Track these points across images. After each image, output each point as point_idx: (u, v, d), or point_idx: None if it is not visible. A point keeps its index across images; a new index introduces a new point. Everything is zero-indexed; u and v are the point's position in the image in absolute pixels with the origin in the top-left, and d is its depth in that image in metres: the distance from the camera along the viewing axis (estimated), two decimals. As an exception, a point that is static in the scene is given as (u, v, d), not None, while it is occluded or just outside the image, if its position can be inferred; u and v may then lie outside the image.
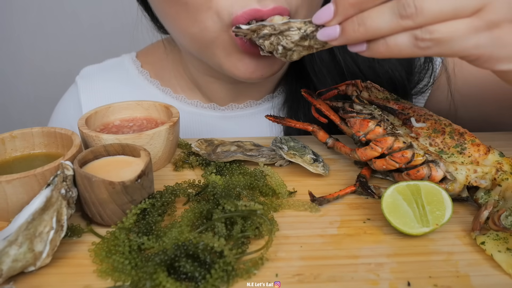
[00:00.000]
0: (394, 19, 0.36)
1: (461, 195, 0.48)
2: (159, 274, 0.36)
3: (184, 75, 0.75)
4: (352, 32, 0.38)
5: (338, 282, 0.37)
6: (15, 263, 0.37)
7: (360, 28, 0.38)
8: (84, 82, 0.78)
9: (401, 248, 0.41)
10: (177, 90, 0.75)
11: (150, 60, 0.79)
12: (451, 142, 0.49)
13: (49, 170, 0.44)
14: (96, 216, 0.44)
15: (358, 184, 0.50)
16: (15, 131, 0.52)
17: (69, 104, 0.79)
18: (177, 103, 0.74)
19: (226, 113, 0.74)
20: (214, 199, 0.45)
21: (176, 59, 0.75)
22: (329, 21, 0.40)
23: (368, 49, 0.39)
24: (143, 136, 0.52)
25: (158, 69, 0.77)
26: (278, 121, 0.59)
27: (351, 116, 0.52)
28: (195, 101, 0.74)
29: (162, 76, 0.76)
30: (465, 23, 0.35)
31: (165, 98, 0.75)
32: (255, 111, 0.74)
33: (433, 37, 0.35)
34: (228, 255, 0.38)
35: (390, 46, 0.38)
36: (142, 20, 0.74)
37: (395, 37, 0.37)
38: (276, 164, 0.56)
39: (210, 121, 0.74)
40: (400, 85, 0.69)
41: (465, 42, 0.36)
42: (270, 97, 0.74)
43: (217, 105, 0.74)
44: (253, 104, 0.74)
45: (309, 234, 0.43)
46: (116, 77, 0.77)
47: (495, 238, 0.41)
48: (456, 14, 0.35)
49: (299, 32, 0.42)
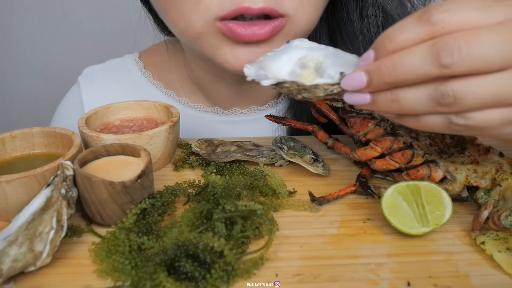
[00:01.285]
0: (430, 104, 0.34)
1: (461, 195, 0.48)
2: (159, 274, 0.36)
3: (187, 77, 0.74)
4: (383, 105, 0.36)
5: (338, 282, 0.37)
6: (15, 263, 0.37)
7: (393, 105, 0.36)
8: (86, 82, 0.77)
9: (401, 248, 0.41)
10: (180, 93, 0.75)
11: (153, 61, 0.78)
12: (451, 142, 0.49)
13: (49, 170, 0.44)
14: (96, 216, 0.44)
15: (358, 184, 0.50)
16: (15, 131, 0.52)
17: (71, 104, 0.78)
18: (180, 106, 0.74)
19: (230, 118, 0.73)
20: (214, 199, 0.45)
21: (180, 61, 0.75)
22: (360, 90, 0.37)
23: (397, 117, 0.38)
24: (143, 136, 0.52)
25: (161, 71, 0.77)
26: (278, 121, 0.59)
27: (351, 116, 0.52)
28: (198, 105, 0.74)
29: (165, 78, 0.76)
30: (501, 113, 0.34)
31: (168, 101, 0.74)
32: (259, 116, 0.73)
33: (467, 123, 0.34)
34: (228, 255, 0.38)
35: (422, 122, 0.36)
36: (144, 21, 0.73)
37: (429, 117, 0.36)
38: (276, 164, 0.56)
39: (213, 126, 0.73)
40: None
41: (499, 130, 0.35)
42: (274, 103, 0.74)
43: (221, 109, 0.73)
44: (257, 110, 0.73)
45: (309, 234, 0.43)
46: (119, 78, 0.77)
47: (495, 238, 0.41)
48: (493, 104, 0.34)
49: (325, 91, 0.39)
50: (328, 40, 0.68)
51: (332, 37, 0.67)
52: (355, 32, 0.65)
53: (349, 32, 0.65)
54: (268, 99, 0.74)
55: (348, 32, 0.65)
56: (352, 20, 0.65)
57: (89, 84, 0.77)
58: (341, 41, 0.66)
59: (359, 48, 0.66)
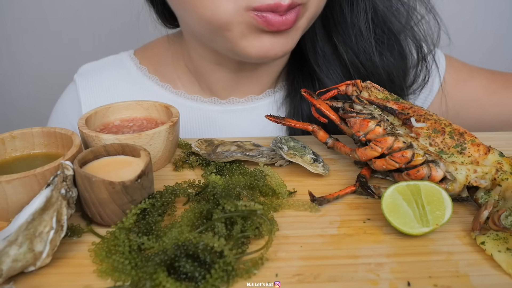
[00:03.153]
0: None
1: (461, 195, 0.48)
2: (159, 274, 0.36)
3: (184, 68, 0.75)
4: None
5: (338, 282, 0.37)
6: (15, 263, 0.37)
7: None
8: (82, 80, 0.77)
9: (401, 248, 0.41)
10: (177, 85, 0.75)
11: (148, 56, 0.79)
12: (451, 142, 0.49)
13: (49, 170, 0.44)
14: (96, 216, 0.44)
15: (358, 184, 0.50)
16: (15, 131, 0.52)
17: (68, 102, 0.79)
18: (176, 98, 0.74)
19: (227, 107, 0.74)
20: (214, 199, 0.45)
21: (178, 51, 0.76)
22: None
23: None
24: (143, 136, 0.52)
25: (157, 64, 0.77)
26: (278, 121, 0.59)
27: (351, 116, 0.52)
28: (195, 96, 0.75)
29: (162, 71, 0.76)
30: None
31: (164, 93, 0.75)
32: (256, 105, 0.74)
33: None
34: (228, 255, 0.38)
35: None
36: (142, 19, 0.74)
37: None
38: (276, 164, 0.56)
39: (210, 116, 0.74)
40: (398, 79, 0.72)
41: None
42: (271, 92, 0.75)
43: (218, 98, 0.74)
44: (254, 98, 0.74)
45: (309, 234, 0.43)
46: (115, 74, 0.77)
47: (495, 238, 0.41)
48: None
49: None
50: (321, 27, 0.70)
51: (325, 23, 0.70)
52: (346, 20, 0.68)
53: (341, 20, 0.69)
54: (264, 88, 0.75)
55: (340, 20, 0.69)
56: (344, 10, 0.68)
57: (85, 81, 0.77)
58: (334, 29, 0.69)
59: (350, 37, 0.69)
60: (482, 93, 0.78)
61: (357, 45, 0.69)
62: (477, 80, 0.79)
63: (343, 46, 0.69)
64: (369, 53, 0.69)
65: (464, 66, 0.81)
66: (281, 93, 0.75)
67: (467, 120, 0.78)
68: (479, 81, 0.79)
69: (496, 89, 0.78)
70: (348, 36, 0.69)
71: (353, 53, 0.69)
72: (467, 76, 0.80)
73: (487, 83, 0.79)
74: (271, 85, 0.75)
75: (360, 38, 0.69)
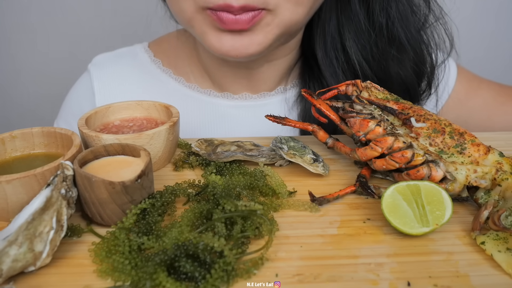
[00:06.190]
0: None
1: (461, 195, 0.48)
2: (159, 274, 0.36)
3: (197, 63, 0.75)
4: None
5: (338, 282, 0.37)
6: (15, 263, 0.37)
7: None
8: (97, 70, 0.77)
9: (401, 248, 0.41)
10: (190, 79, 0.76)
11: (163, 49, 0.79)
12: (451, 142, 0.49)
13: (49, 170, 0.44)
14: (96, 216, 0.44)
15: (358, 184, 0.50)
16: (15, 131, 0.52)
17: (81, 92, 0.78)
18: (190, 91, 0.75)
19: (239, 102, 0.74)
20: (214, 199, 0.45)
21: (190, 46, 0.76)
22: None
23: None
24: (143, 136, 0.52)
25: (171, 57, 0.77)
26: (278, 121, 0.59)
27: (351, 116, 0.52)
28: (208, 90, 0.75)
29: (175, 65, 0.77)
30: None
31: (178, 86, 0.75)
32: (268, 102, 0.74)
33: None
34: (228, 255, 0.38)
35: None
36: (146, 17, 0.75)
37: None
38: (276, 164, 0.56)
39: (222, 110, 0.74)
40: (412, 87, 0.72)
41: None
42: (282, 89, 0.75)
43: (230, 93, 0.74)
44: (266, 95, 0.75)
45: (309, 234, 0.43)
46: (129, 65, 0.77)
47: (495, 238, 0.41)
48: None
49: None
50: (337, 33, 0.69)
51: (340, 31, 0.69)
52: (362, 27, 0.68)
53: (357, 28, 0.68)
54: (275, 85, 0.75)
55: (355, 28, 0.68)
56: (359, 17, 0.68)
57: (100, 71, 0.77)
58: (349, 36, 0.69)
59: (365, 44, 0.68)
60: (491, 103, 0.80)
61: (371, 54, 0.69)
62: (486, 91, 0.80)
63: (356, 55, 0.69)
64: (381, 60, 0.69)
65: (474, 77, 0.82)
66: (293, 91, 0.75)
67: (475, 130, 0.79)
68: (488, 92, 0.80)
69: (504, 101, 0.80)
70: (362, 44, 0.69)
71: (366, 62, 0.69)
72: (477, 86, 0.81)
73: (496, 94, 0.80)
74: (282, 82, 0.75)
75: (374, 48, 0.68)
